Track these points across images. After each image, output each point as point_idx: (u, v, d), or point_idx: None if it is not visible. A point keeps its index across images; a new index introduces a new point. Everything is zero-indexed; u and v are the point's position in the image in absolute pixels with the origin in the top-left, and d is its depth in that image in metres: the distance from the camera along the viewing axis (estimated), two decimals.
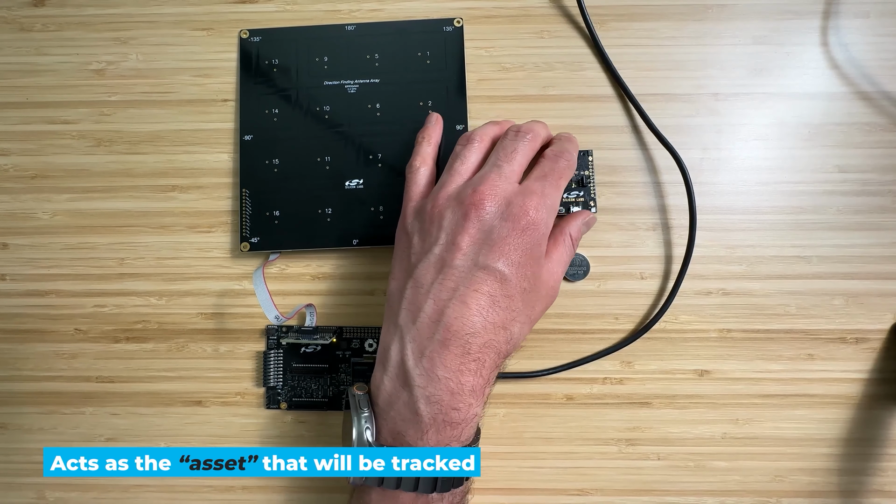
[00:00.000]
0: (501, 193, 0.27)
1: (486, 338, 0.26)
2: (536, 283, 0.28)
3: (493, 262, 0.26)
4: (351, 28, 0.35)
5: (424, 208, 0.29)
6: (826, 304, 0.34)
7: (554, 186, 0.28)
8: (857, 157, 0.34)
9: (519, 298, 0.27)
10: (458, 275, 0.26)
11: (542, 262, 0.28)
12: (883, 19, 0.35)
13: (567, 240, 0.31)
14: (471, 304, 0.26)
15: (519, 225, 0.27)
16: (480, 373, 0.26)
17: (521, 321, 0.28)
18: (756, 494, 0.34)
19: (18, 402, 0.35)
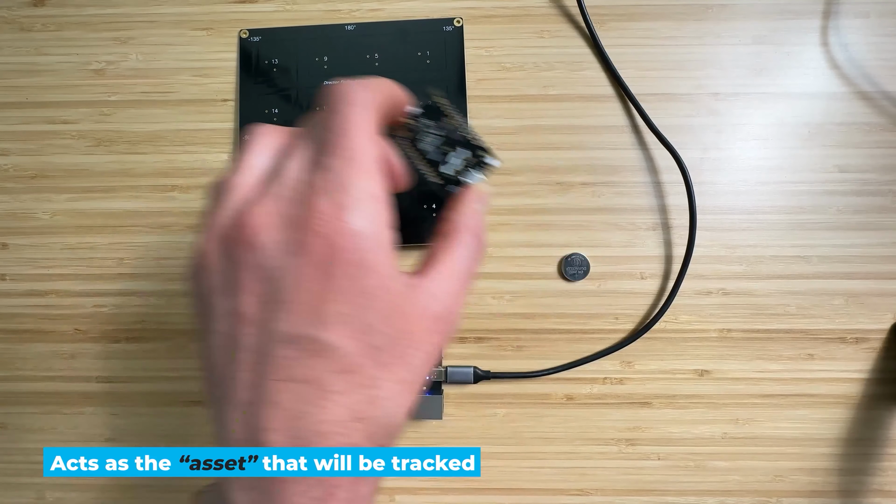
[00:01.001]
0: (280, 212, 0.17)
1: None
2: (400, 326, 0.18)
3: (297, 328, 0.17)
4: (351, 28, 0.35)
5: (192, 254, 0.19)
6: (826, 303, 0.34)
7: (359, 172, 0.17)
8: (858, 157, 0.34)
9: (370, 366, 0.17)
10: (253, 362, 0.17)
11: (400, 290, 0.18)
12: (883, 19, 0.35)
13: (464, 236, 0.21)
14: (284, 405, 0.17)
15: (320, 256, 0.17)
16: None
17: (386, 394, 0.18)
18: (756, 494, 0.34)
19: (18, 402, 0.35)
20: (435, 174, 0.22)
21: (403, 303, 0.18)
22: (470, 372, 0.34)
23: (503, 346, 0.34)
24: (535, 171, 0.35)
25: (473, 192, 0.22)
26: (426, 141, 0.22)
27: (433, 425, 0.34)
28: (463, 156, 0.22)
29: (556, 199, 0.34)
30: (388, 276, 0.17)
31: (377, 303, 0.17)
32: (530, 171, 0.35)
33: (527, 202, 0.34)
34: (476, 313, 0.34)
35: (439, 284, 0.19)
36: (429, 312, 0.19)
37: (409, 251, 0.35)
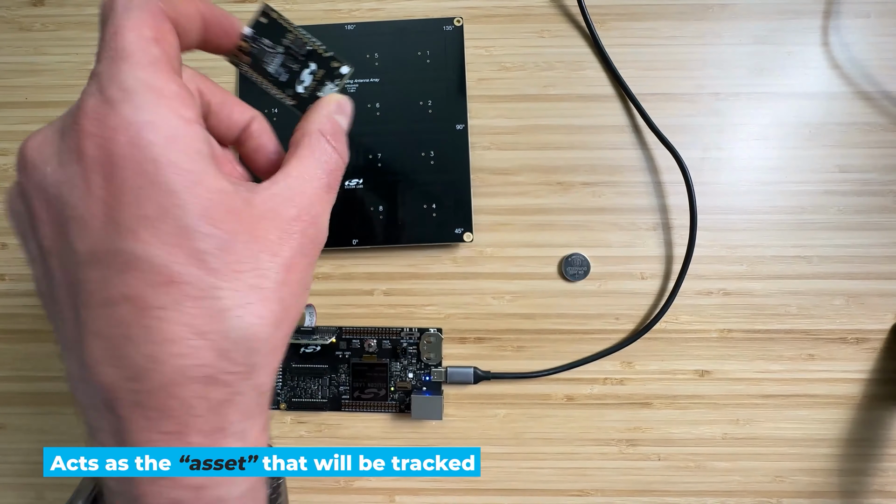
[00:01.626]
0: (54, 129, 0.17)
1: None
2: (233, 227, 0.16)
3: (94, 243, 0.15)
4: (350, 27, 0.35)
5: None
6: (827, 304, 0.34)
7: (132, 65, 0.15)
8: (858, 157, 0.34)
9: (200, 274, 0.15)
10: (68, 295, 0.16)
11: (225, 188, 0.16)
12: (884, 19, 0.35)
13: (315, 139, 0.19)
14: (105, 333, 0.15)
15: (97, 158, 0.15)
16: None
17: (231, 304, 0.15)
18: (757, 495, 0.33)
19: (17, 402, 0.35)
20: (289, 96, 0.21)
21: (234, 202, 0.16)
22: (470, 372, 0.34)
23: (503, 346, 0.34)
24: (536, 170, 0.34)
25: (324, 100, 0.20)
26: (271, 63, 0.21)
27: (433, 426, 0.34)
28: (311, 70, 0.21)
29: (557, 199, 0.34)
30: (198, 171, 0.15)
31: (191, 200, 0.15)
32: (530, 170, 0.34)
33: (527, 202, 0.34)
34: (476, 313, 0.34)
35: (289, 187, 0.18)
36: (279, 215, 0.17)
37: (409, 251, 0.35)
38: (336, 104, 0.20)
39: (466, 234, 0.34)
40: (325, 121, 0.19)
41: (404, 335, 0.34)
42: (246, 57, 0.21)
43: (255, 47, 0.21)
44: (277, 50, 0.21)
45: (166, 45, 0.16)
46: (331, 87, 0.21)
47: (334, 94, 0.21)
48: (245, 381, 0.16)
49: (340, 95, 0.21)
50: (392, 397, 0.34)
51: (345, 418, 0.35)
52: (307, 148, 0.19)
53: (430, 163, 0.34)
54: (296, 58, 0.21)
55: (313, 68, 0.21)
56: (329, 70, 0.21)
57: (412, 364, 0.34)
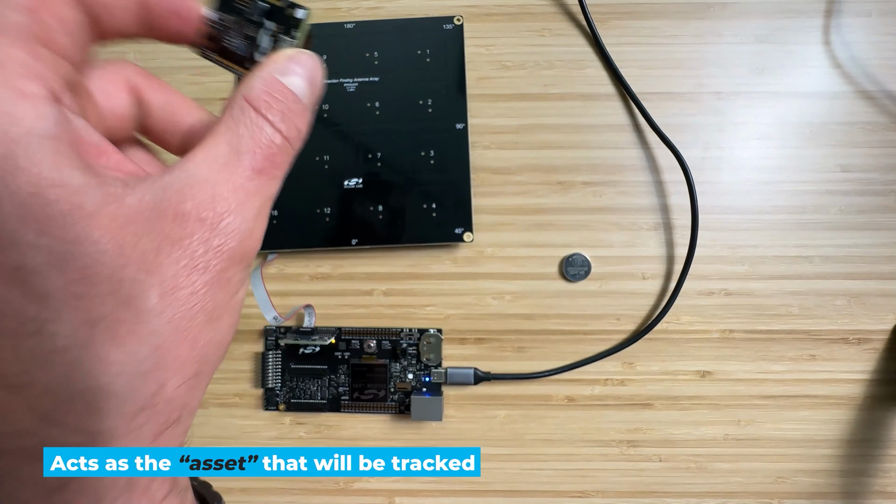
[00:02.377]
0: None
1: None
2: (69, 236, 0.11)
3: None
4: (350, 26, 0.35)
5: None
6: (828, 304, 0.34)
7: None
8: (860, 157, 0.34)
9: (18, 300, 0.11)
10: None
11: (70, 183, 0.11)
12: (885, 18, 0.35)
13: (238, 110, 0.14)
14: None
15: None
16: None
17: (63, 344, 0.11)
18: (758, 496, 0.33)
19: None
20: (248, 70, 0.17)
21: (83, 200, 0.11)
22: (470, 373, 0.33)
23: (504, 347, 0.34)
24: (536, 170, 0.34)
25: (271, 58, 0.15)
26: (232, 37, 0.17)
27: (433, 427, 0.34)
28: (267, 27, 0.17)
29: (557, 199, 0.34)
30: (20, 156, 0.11)
31: (5, 197, 0.11)
32: (531, 170, 0.34)
33: (527, 202, 0.34)
34: (476, 314, 0.34)
35: (187, 175, 0.13)
36: (163, 214, 0.12)
37: (409, 251, 0.34)
38: (285, 60, 0.15)
39: (466, 234, 0.33)
40: (259, 84, 0.14)
41: (404, 336, 0.34)
42: (211, 43, 0.17)
43: (218, 25, 0.17)
44: (231, 19, 0.17)
45: (46, 15, 0.12)
46: (288, 41, 0.16)
47: (287, 48, 0.16)
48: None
49: (296, 49, 0.15)
50: (392, 398, 0.34)
51: (344, 419, 0.34)
52: (224, 122, 0.14)
53: (430, 162, 0.34)
54: (251, 23, 0.17)
55: (269, 26, 0.17)
56: (286, 22, 0.16)
57: (412, 365, 0.34)
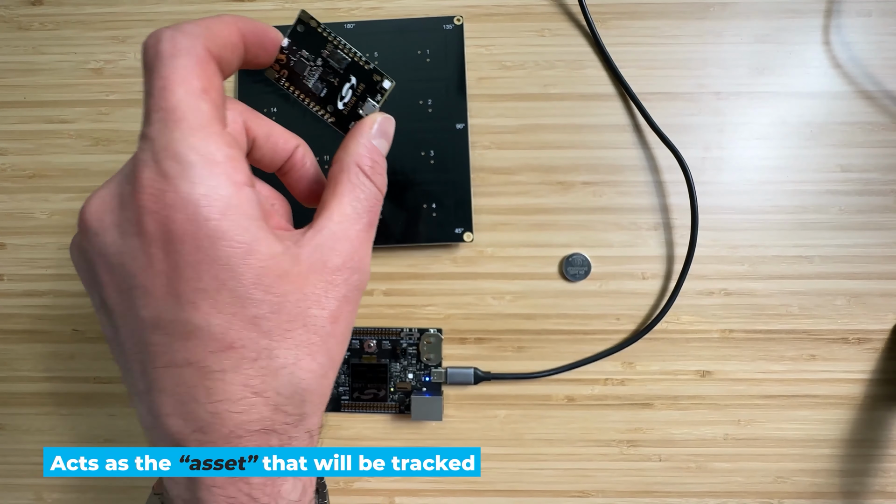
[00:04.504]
0: (113, 194, 0.16)
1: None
2: (283, 289, 0.17)
3: (157, 313, 0.16)
4: (350, 26, 0.35)
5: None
6: (828, 304, 0.34)
7: (184, 132, 0.15)
8: (860, 157, 0.34)
9: (256, 338, 0.16)
10: (136, 352, 0.17)
11: (274, 252, 0.17)
12: (885, 18, 0.34)
13: (353, 174, 0.19)
14: (171, 391, 0.16)
15: (157, 234, 0.15)
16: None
17: (284, 362, 0.17)
18: (758, 496, 0.33)
19: (16, 402, 0.35)
20: (329, 113, 0.20)
21: (283, 264, 0.17)
22: (470, 373, 0.33)
23: (504, 346, 0.34)
24: (536, 170, 0.34)
25: (364, 123, 0.19)
26: (310, 77, 0.19)
27: (433, 427, 0.34)
28: (352, 84, 0.19)
29: (557, 199, 0.34)
30: (249, 240, 0.16)
31: (245, 271, 0.16)
32: (531, 170, 0.34)
33: (527, 202, 0.34)
34: (476, 314, 0.34)
35: (332, 234, 0.18)
36: (325, 266, 0.18)
37: (409, 251, 0.34)
38: (377, 126, 0.19)
39: (466, 234, 0.33)
40: (364, 151, 0.19)
41: (404, 336, 0.34)
42: (284, 70, 0.19)
43: (293, 59, 0.19)
44: (316, 63, 0.19)
45: (214, 94, 0.16)
46: (372, 103, 0.20)
47: (375, 113, 0.19)
48: (297, 427, 0.17)
49: (381, 114, 0.20)
50: (392, 398, 0.34)
51: (344, 419, 0.34)
52: (346, 185, 0.19)
53: (429, 162, 0.34)
54: (335, 71, 0.19)
55: (353, 82, 0.20)
56: (370, 84, 0.19)
57: (412, 365, 0.34)
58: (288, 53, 0.19)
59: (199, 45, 0.16)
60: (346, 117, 0.19)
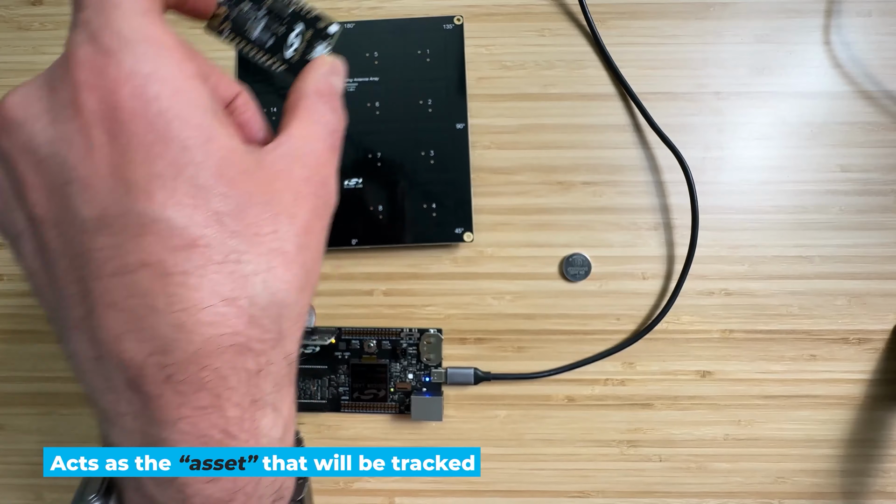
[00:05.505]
0: (39, 83, 0.14)
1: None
2: (248, 188, 0.15)
3: (103, 206, 0.13)
4: (350, 26, 0.35)
5: None
6: (829, 304, 0.34)
7: (126, 13, 0.14)
8: (860, 157, 0.34)
9: (222, 236, 0.14)
10: (71, 268, 0.14)
11: (235, 147, 0.15)
12: (885, 18, 0.34)
13: (313, 100, 0.18)
14: (123, 304, 0.14)
15: (99, 111, 0.13)
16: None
17: (256, 268, 0.14)
18: (758, 496, 0.33)
19: (16, 402, 0.35)
20: (278, 61, 0.19)
21: (247, 163, 0.15)
22: (470, 373, 0.33)
23: (504, 347, 0.34)
24: (536, 170, 0.34)
25: (317, 62, 0.19)
26: (254, 28, 0.19)
27: (433, 427, 0.34)
28: (298, 31, 0.19)
29: (558, 199, 0.34)
30: (208, 127, 0.14)
31: (205, 157, 0.14)
32: (531, 170, 0.34)
33: (527, 202, 0.34)
34: (476, 314, 0.34)
35: (296, 147, 0.17)
36: (291, 175, 0.16)
37: (409, 251, 0.34)
38: (329, 65, 0.19)
39: (466, 234, 0.33)
40: (322, 81, 0.19)
41: (404, 336, 0.34)
42: (226, 23, 0.19)
43: (235, 11, 0.19)
44: (259, 13, 0.19)
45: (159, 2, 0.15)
46: (321, 47, 0.20)
47: (325, 55, 0.20)
48: (275, 350, 0.15)
49: (332, 56, 0.20)
50: (392, 398, 0.34)
51: (344, 419, 0.34)
52: (306, 109, 0.18)
53: (430, 162, 0.34)
54: (280, 19, 0.19)
55: (300, 29, 0.20)
56: (317, 30, 0.20)
57: (412, 365, 0.34)
58: (227, 5, 0.19)
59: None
60: (296, 64, 0.19)
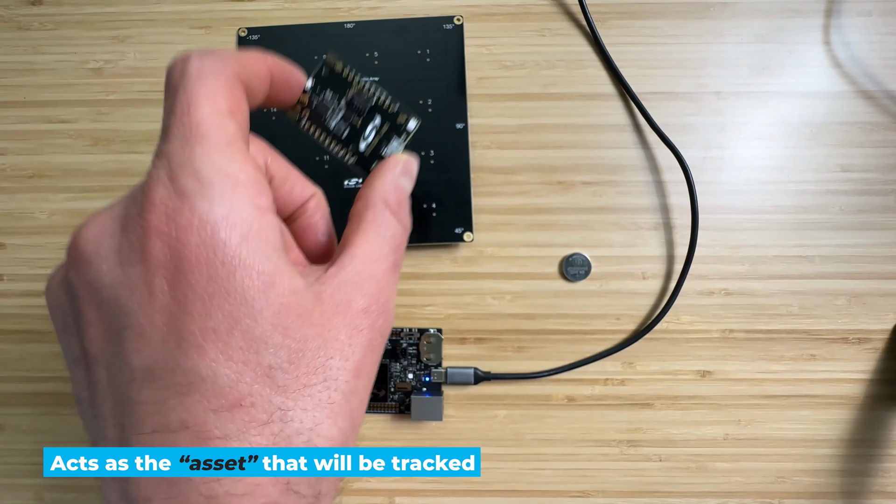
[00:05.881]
0: (114, 217, 0.14)
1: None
2: (305, 334, 0.14)
3: (152, 359, 0.13)
4: (350, 26, 0.35)
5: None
6: (829, 304, 0.34)
7: (207, 148, 0.14)
8: (860, 157, 0.34)
9: (269, 393, 0.13)
10: (114, 413, 0.14)
11: (297, 289, 0.14)
12: (885, 18, 0.34)
13: (379, 212, 0.17)
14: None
15: (164, 259, 0.13)
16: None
17: (302, 426, 0.14)
18: (758, 496, 0.33)
19: (16, 402, 0.35)
20: (350, 153, 0.19)
21: (305, 302, 0.14)
22: (470, 373, 0.33)
23: (504, 346, 0.34)
24: (536, 170, 0.34)
25: (389, 162, 0.18)
26: (332, 118, 0.19)
27: (433, 427, 0.34)
28: (375, 125, 0.19)
29: (557, 199, 0.34)
30: (271, 270, 0.14)
31: (264, 308, 0.13)
32: (531, 170, 0.34)
33: (527, 202, 0.34)
34: (476, 314, 0.34)
35: (357, 272, 0.16)
36: (350, 307, 0.15)
37: (409, 251, 0.34)
38: (402, 166, 0.18)
39: (466, 234, 0.33)
40: (390, 188, 0.18)
41: (404, 335, 0.34)
42: (306, 111, 0.19)
43: (316, 100, 0.19)
44: (339, 104, 0.19)
45: (240, 117, 0.15)
46: (396, 143, 0.19)
47: (399, 153, 0.19)
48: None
49: (406, 154, 0.19)
50: (392, 398, 0.34)
51: None
52: (371, 223, 0.17)
53: (430, 162, 0.34)
54: (359, 112, 0.19)
55: (377, 123, 0.19)
56: (394, 124, 0.19)
57: (412, 365, 0.34)
58: (311, 94, 0.19)
59: (229, 68, 0.15)
60: (368, 158, 0.19)
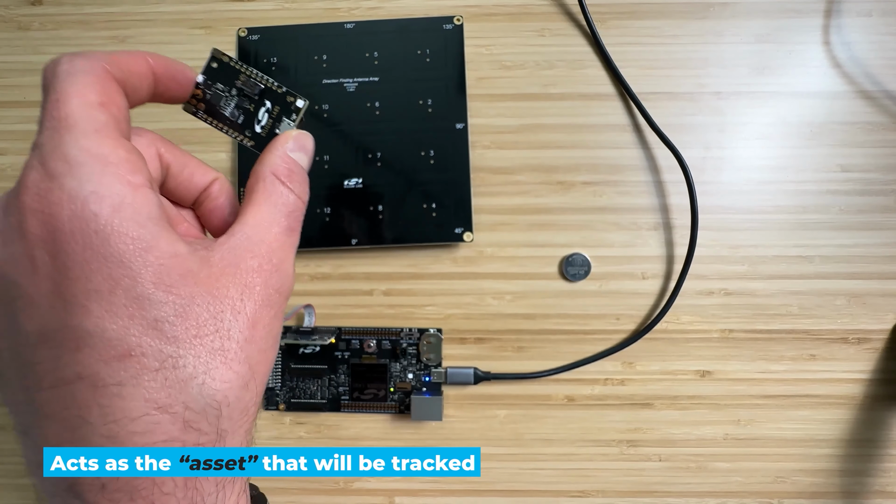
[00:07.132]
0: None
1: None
2: (190, 290, 0.15)
3: (43, 322, 0.14)
4: (350, 26, 0.35)
5: None
6: (828, 304, 0.34)
7: (76, 134, 0.15)
8: (860, 157, 0.34)
9: (158, 343, 0.14)
10: (18, 378, 0.15)
11: (178, 251, 0.15)
12: (885, 18, 0.34)
13: (269, 182, 0.18)
14: (59, 416, 0.14)
15: (41, 235, 0.14)
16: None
17: (194, 371, 0.15)
18: (758, 495, 0.33)
19: None
20: (248, 138, 0.20)
21: (189, 264, 0.15)
22: (470, 373, 0.33)
23: (504, 346, 0.34)
24: (536, 170, 0.34)
25: (279, 138, 0.20)
26: (226, 106, 0.20)
27: (433, 427, 0.34)
28: (267, 108, 0.20)
29: (557, 199, 0.34)
30: (147, 236, 0.15)
31: (142, 268, 0.14)
32: (531, 170, 0.34)
33: (528, 202, 0.34)
34: (476, 314, 0.34)
35: (247, 237, 0.17)
36: (238, 267, 0.16)
37: (409, 251, 0.34)
38: (292, 140, 0.19)
39: (466, 234, 0.33)
40: (279, 161, 0.19)
41: (404, 335, 0.34)
42: (201, 104, 0.20)
43: (209, 93, 0.20)
44: (231, 93, 0.20)
45: (114, 109, 0.16)
46: (287, 122, 0.20)
47: (291, 129, 0.20)
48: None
49: (297, 130, 0.20)
50: (392, 398, 0.34)
51: (344, 419, 0.34)
52: (261, 193, 0.18)
53: (429, 162, 0.34)
54: (250, 98, 0.20)
55: (268, 106, 0.20)
56: (285, 105, 0.20)
57: (412, 364, 0.34)
58: (203, 88, 0.20)
59: (98, 65, 0.16)
60: (265, 139, 0.20)
